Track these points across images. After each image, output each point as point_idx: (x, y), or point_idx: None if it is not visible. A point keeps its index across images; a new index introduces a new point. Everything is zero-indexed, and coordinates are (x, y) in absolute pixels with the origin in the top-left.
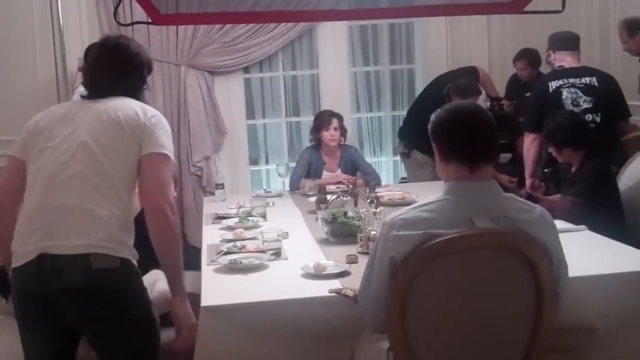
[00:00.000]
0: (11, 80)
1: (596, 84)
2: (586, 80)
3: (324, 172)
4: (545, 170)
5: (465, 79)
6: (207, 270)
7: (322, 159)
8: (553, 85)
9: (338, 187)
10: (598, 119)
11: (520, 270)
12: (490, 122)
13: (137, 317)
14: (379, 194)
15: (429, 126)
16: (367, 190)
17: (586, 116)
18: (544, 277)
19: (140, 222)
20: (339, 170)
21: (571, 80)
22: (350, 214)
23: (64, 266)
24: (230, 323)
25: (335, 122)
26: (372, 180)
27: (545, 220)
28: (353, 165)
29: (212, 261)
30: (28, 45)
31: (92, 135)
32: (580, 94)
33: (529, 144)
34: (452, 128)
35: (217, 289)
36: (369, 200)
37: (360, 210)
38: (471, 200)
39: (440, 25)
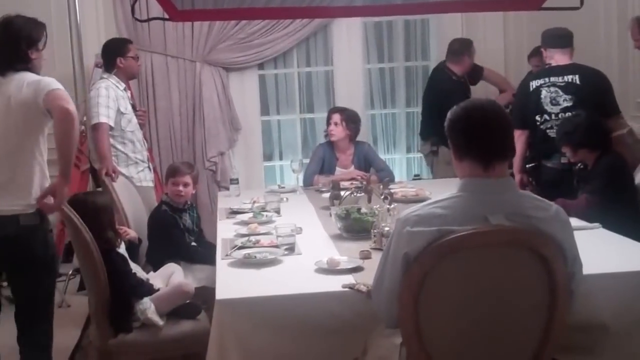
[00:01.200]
0: None
1: (578, 82)
2: (568, 78)
3: (338, 169)
4: (528, 166)
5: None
6: (221, 264)
7: (335, 155)
8: (533, 85)
9: (352, 184)
10: None
11: (534, 267)
12: (506, 119)
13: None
14: (392, 191)
15: (445, 123)
16: (381, 186)
17: (566, 114)
18: (558, 274)
19: (156, 217)
20: (353, 167)
21: (552, 79)
22: (363, 210)
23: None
24: (243, 316)
25: (335, 117)
26: (386, 176)
27: (560, 218)
28: (366, 162)
29: (227, 255)
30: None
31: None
32: (560, 93)
33: (515, 141)
34: (466, 127)
35: (231, 282)
36: (382, 197)
37: (374, 207)
38: (485, 197)
39: (455, 22)
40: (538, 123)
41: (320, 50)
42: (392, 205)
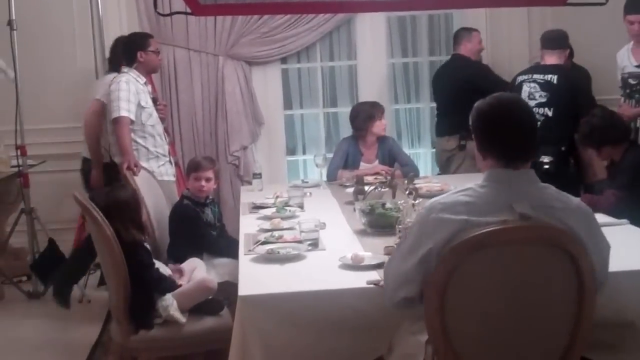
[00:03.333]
0: (50, 69)
1: (555, 81)
2: (548, 77)
3: (362, 163)
4: None
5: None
6: (244, 259)
7: (359, 149)
8: (519, 79)
9: (376, 178)
10: (550, 113)
11: (561, 264)
12: (533, 119)
13: None
14: (417, 186)
15: (471, 116)
16: (406, 181)
17: (539, 109)
18: (585, 272)
19: (178, 211)
20: (377, 161)
21: (535, 76)
22: (388, 205)
23: None
24: (266, 312)
25: (380, 113)
26: (410, 171)
27: (582, 210)
28: (391, 156)
29: (249, 250)
30: (67, 35)
31: None
32: (538, 89)
33: None
34: (491, 125)
35: (254, 278)
36: (407, 192)
37: (399, 202)
38: (510, 187)
39: (479, 17)
40: None
41: (344, 45)
42: (417, 201)
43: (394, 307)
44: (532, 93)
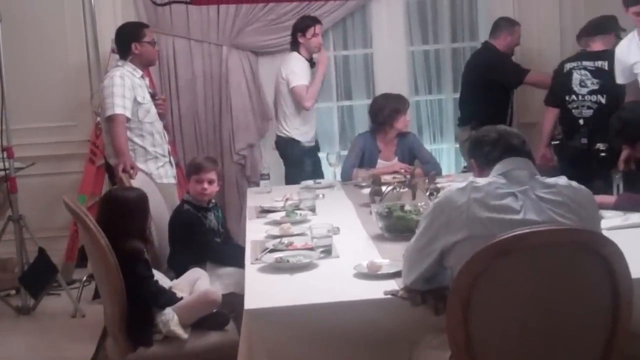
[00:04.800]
0: (41, 64)
1: (606, 67)
2: (598, 64)
3: (379, 161)
4: (553, 142)
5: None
6: (251, 269)
7: (377, 146)
8: (567, 66)
9: (394, 178)
10: (603, 100)
11: (594, 269)
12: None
13: None
14: (439, 185)
15: (469, 145)
16: (427, 180)
17: (591, 97)
18: (620, 277)
19: (178, 217)
20: (396, 159)
21: (585, 62)
22: (407, 207)
23: None
24: (275, 327)
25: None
26: (432, 169)
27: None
28: (411, 153)
29: (257, 259)
30: (57, 26)
31: None
32: (589, 76)
33: (545, 116)
34: (492, 138)
35: (261, 290)
36: (428, 193)
37: (419, 204)
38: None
39: (506, 0)
40: (567, 103)
41: (359, 32)
42: None
43: (406, 284)
44: (583, 80)
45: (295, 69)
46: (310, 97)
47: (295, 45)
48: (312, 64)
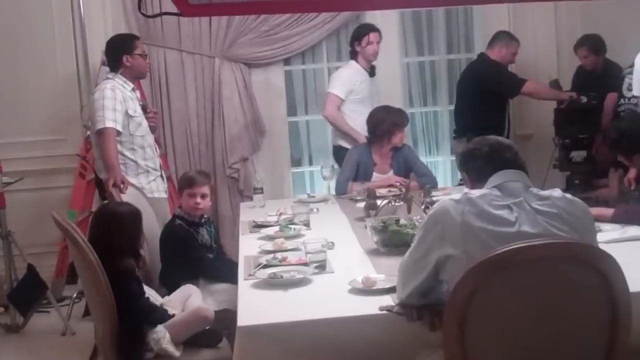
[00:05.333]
0: (29, 76)
1: None
2: None
3: (375, 174)
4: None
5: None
6: (244, 285)
7: (372, 159)
8: (624, 72)
9: (389, 191)
10: None
11: (592, 283)
12: (508, 143)
13: None
14: (434, 199)
15: (460, 159)
16: (422, 194)
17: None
18: (618, 291)
19: (170, 233)
20: (391, 172)
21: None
22: (402, 221)
23: None
24: (269, 344)
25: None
26: (428, 182)
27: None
28: (406, 166)
29: (250, 275)
30: (46, 37)
31: None
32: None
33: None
34: (484, 152)
35: (254, 306)
36: (423, 206)
37: (414, 218)
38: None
39: (502, 10)
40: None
41: None
42: None
43: (401, 299)
44: (630, 84)
45: (339, 77)
46: (329, 114)
47: (353, 54)
48: (371, 73)
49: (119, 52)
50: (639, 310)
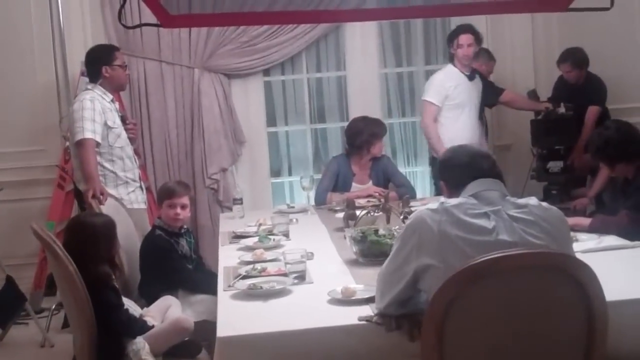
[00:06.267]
0: (8, 86)
1: None
2: None
3: (354, 185)
4: None
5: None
6: (223, 296)
7: (351, 169)
8: None
9: (368, 201)
10: None
11: (569, 293)
12: (485, 154)
13: None
14: (413, 209)
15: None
16: (401, 204)
17: None
18: (595, 300)
19: (150, 244)
20: (370, 182)
21: None
22: (381, 231)
23: None
24: (249, 355)
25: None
26: (406, 193)
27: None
28: (385, 177)
29: (229, 286)
30: (25, 47)
31: None
32: None
33: None
34: (461, 162)
35: (234, 317)
36: (402, 216)
37: (393, 228)
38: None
39: (480, 21)
40: None
41: (332, 54)
42: None
43: (379, 309)
44: None
45: (432, 82)
46: (422, 124)
47: (451, 57)
48: (470, 76)
49: (99, 62)
50: (616, 319)
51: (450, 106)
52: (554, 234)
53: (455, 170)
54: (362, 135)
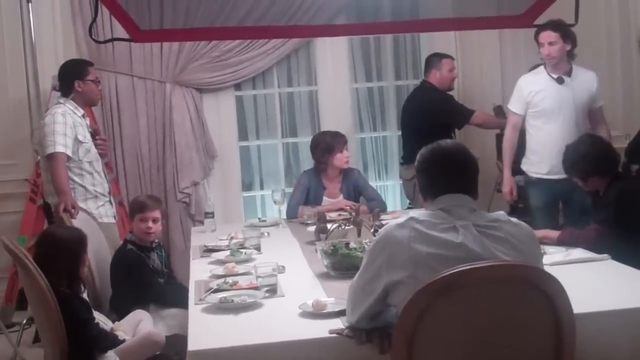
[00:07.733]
0: None
1: None
2: None
3: (325, 198)
4: None
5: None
6: (194, 309)
7: (322, 183)
8: None
9: (339, 215)
10: None
11: (537, 306)
12: (472, 161)
13: None
14: (384, 222)
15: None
16: (371, 217)
17: None
18: (562, 313)
19: (121, 258)
20: (341, 196)
21: None
22: (352, 244)
23: None
24: None
25: (342, 143)
26: (377, 206)
27: (523, 224)
28: (356, 190)
29: (200, 300)
30: None
31: None
32: None
33: None
34: (434, 167)
35: (205, 331)
36: (373, 229)
37: (364, 241)
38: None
39: (449, 37)
40: None
41: (303, 69)
42: None
43: (350, 323)
44: None
45: (515, 87)
46: (504, 135)
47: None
48: (559, 80)
49: (72, 77)
50: (583, 331)
51: (532, 114)
52: (523, 249)
53: (426, 180)
54: (319, 147)
